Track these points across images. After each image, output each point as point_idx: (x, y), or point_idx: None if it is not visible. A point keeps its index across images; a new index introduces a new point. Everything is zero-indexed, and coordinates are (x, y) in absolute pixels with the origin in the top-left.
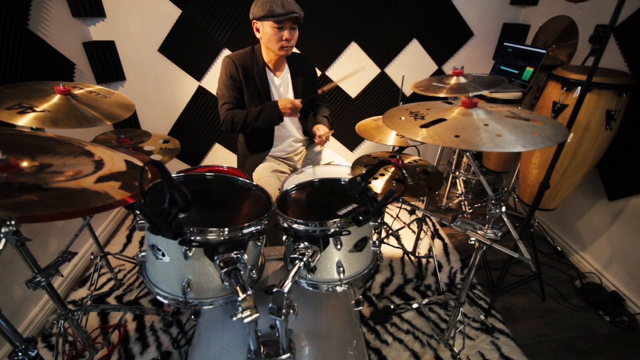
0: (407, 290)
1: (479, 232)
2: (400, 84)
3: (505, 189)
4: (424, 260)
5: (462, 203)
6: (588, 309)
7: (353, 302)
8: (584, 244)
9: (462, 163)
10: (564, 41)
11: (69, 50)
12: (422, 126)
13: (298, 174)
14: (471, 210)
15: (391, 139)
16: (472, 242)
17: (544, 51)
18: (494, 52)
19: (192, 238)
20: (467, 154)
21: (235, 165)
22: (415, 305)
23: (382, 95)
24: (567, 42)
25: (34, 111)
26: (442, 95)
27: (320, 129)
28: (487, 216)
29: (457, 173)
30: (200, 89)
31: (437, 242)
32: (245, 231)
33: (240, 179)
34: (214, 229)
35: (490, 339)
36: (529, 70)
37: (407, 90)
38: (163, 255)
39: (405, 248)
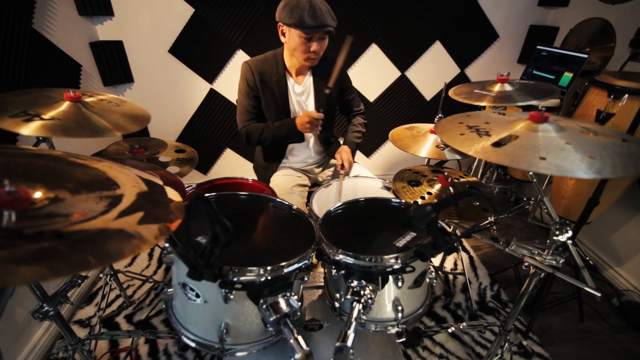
0: (437, 309)
1: (537, 257)
2: (418, 88)
3: (532, 199)
4: (450, 276)
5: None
6: (629, 330)
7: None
8: (619, 259)
9: (472, 168)
10: (598, 44)
11: (75, 50)
12: (495, 145)
13: (325, 187)
14: (497, 222)
15: (425, 150)
16: (527, 268)
17: (585, 56)
18: (518, 55)
19: (235, 279)
20: (531, 173)
21: (246, 172)
22: (451, 329)
23: (402, 100)
24: (602, 45)
25: (42, 119)
26: (484, 103)
27: (343, 158)
28: (548, 241)
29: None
30: (212, 92)
31: (463, 255)
32: (291, 268)
33: (277, 199)
34: (258, 268)
35: None
36: (568, 75)
37: (428, 95)
38: (197, 296)
39: (432, 262)
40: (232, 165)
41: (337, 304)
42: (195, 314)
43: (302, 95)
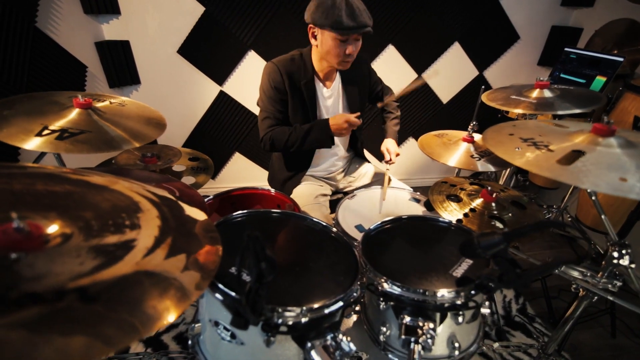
0: None
1: (590, 280)
2: (435, 91)
3: (554, 207)
4: None
5: None
6: None
7: None
8: None
9: (503, 178)
10: (627, 47)
11: (80, 50)
12: (560, 162)
13: (350, 198)
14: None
15: (455, 159)
16: (575, 290)
17: (621, 59)
18: (539, 57)
19: (279, 321)
20: (589, 190)
21: (256, 177)
22: (482, 349)
23: (418, 103)
24: (632, 47)
25: (72, 133)
26: (521, 110)
27: (390, 151)
28: (604, 262)
29: None
30: (222, 94)
31: None
32: (339, 305)
33: (312, 218)
34: (302, 307)
35: None
36: (600, 79)
37: (444, 98)
38: (233, 337)
39: None
40: (242, 169)
41: (382, 337)
42: (228, 355)
43: (330, 99)
